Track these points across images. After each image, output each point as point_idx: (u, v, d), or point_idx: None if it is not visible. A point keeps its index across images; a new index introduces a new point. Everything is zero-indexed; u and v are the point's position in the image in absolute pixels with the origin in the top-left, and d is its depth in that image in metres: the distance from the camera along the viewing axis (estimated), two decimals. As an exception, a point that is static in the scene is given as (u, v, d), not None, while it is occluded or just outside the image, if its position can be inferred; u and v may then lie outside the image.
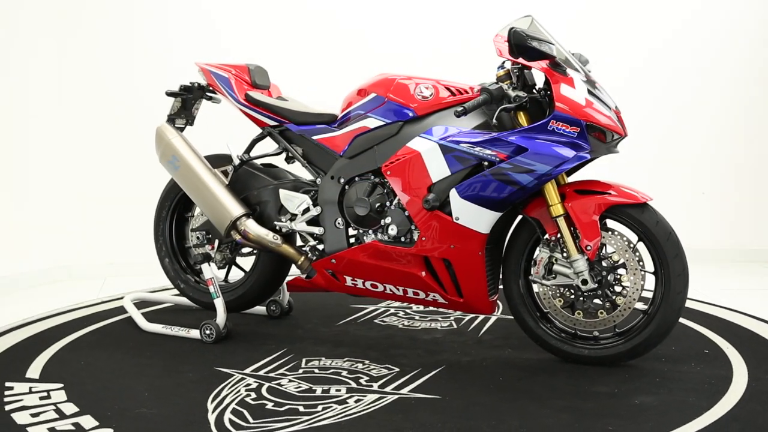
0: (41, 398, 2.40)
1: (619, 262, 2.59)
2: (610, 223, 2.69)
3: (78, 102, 4.40)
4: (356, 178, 2.85)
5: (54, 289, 4.16)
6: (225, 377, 2.59)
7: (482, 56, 4.08)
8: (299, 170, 3.28)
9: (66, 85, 4.39)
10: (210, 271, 3.05)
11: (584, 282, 2.58)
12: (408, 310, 3.49)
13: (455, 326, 3.22)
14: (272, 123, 3.03)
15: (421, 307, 3.53)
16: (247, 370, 2.66)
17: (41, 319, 3.39)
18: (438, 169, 2.63)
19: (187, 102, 3.21)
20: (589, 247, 2.56)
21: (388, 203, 2.79)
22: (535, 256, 2.68)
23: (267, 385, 2.52)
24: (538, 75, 2.70)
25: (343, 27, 4.62)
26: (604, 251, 2.63)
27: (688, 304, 3.26)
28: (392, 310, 3.49)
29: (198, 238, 3.16)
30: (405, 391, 2.45)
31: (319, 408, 2.30)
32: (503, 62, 2.66)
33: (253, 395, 2.42)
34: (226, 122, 3.82)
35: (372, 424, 2.17)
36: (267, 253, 3.12)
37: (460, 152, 2.59)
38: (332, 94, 3.62)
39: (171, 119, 3.22)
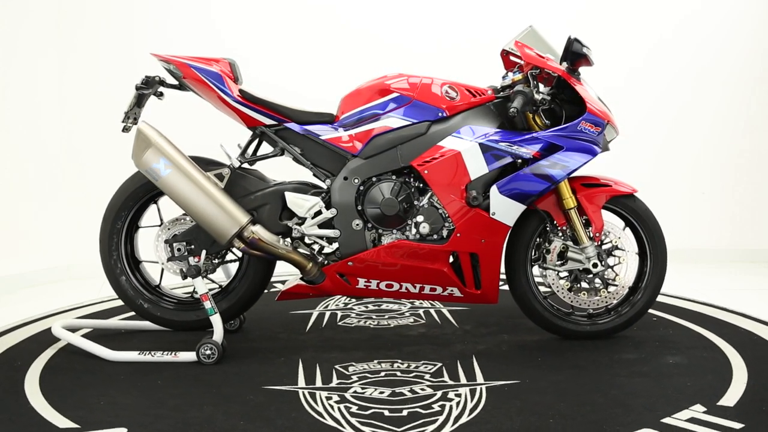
0: (125, 447, 2.02)
1: (618, 245, 2.96)
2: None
3: (79, 102, 4.35)
4: (373, 179, 2.81)
5: (54, 289, 4.12)
6: (290, 395, 2.40)
7: (478, 56, 4.18)
8: (269, 171, 3.10)
9: (66, 85, 4.34)
10: (204, 286, 2.75)
11: (595, 265, 2.90)
12: (356, 312, 3.47)
13: (424, 321, 3.31)
14: (269, 122, 2.83)
15: (364, 308, 3.54)
16: (301, 384, 2.50)
17: (41, 318, 3.33)
18: (477, 166, 2.74)
19: (142, 98, 2.85)
20: (597, 234, 2.89)
21: (415, 202, 2.81)
22: (548, 245, 2.92)
23: (347, 395, 2.40)
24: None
25: (334, 26, 4.53)
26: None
27: (687, 304, 3.59)
28: (340, 314, 3.44)
29: (179, 250, 2.81)
30: (479, 381, 2.53)
31: (436, 407, 2.29)
32: (517, 66, 2.86)
33: (354, 407, 2.30)
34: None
35: (509, 415, 2.22)
36: (257, 261, 2.91)
37: (498, 151, 2.73)
38: (314, 91, 3.49)
39: (127, 116, 2.83)
